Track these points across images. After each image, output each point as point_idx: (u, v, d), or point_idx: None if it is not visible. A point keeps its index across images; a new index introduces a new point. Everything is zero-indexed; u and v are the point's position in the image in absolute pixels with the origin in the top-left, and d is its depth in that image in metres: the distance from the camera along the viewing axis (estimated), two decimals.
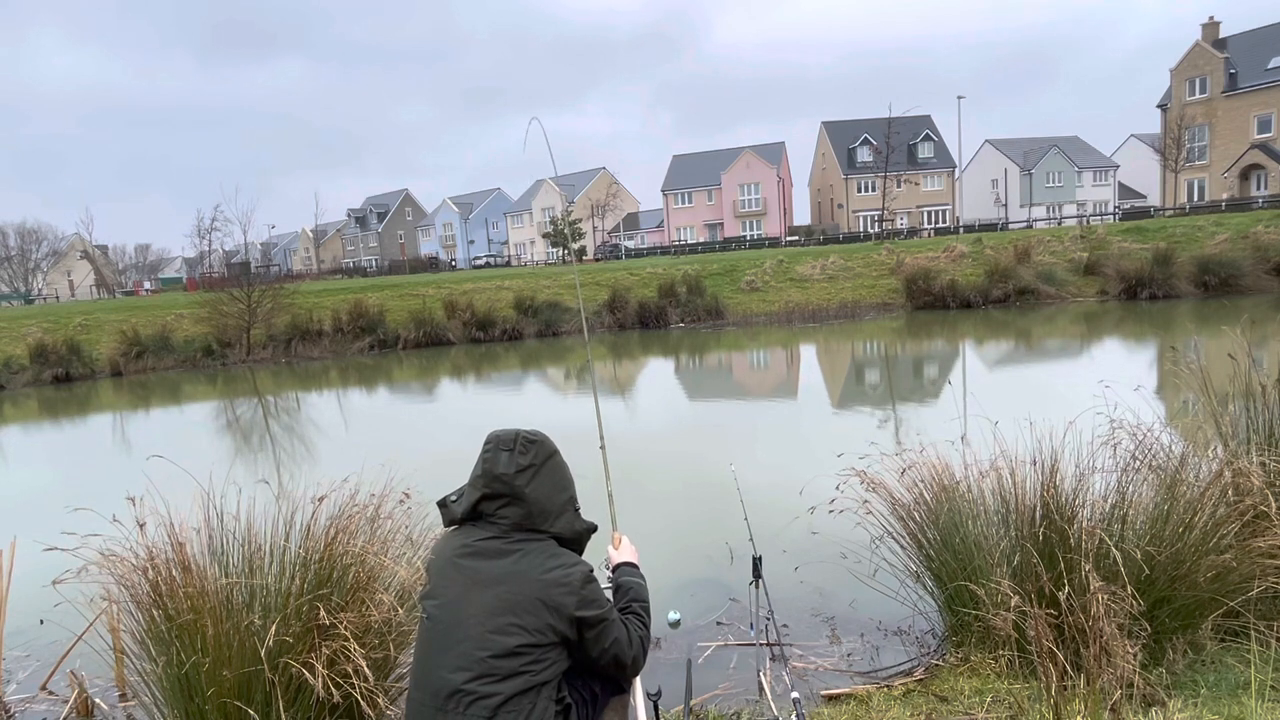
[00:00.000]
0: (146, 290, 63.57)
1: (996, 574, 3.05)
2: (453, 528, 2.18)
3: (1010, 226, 46.44)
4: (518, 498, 2.11)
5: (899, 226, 50.01)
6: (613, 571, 2.44)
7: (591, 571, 2.14)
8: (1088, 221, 39.84)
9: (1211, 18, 48.01)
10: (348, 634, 2.76)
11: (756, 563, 3.02)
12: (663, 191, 66.82)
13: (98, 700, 3.55)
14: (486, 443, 2.14)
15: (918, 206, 58.55)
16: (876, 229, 43.95)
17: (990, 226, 45.67)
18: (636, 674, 2.27)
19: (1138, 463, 3.33)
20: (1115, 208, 57.40)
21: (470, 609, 2.01)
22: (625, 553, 2.49)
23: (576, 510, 2.23)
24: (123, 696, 3.60)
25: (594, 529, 2.27)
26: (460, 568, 2.08)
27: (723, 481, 3.98)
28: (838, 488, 3.73)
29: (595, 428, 2.79)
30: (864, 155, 58.48)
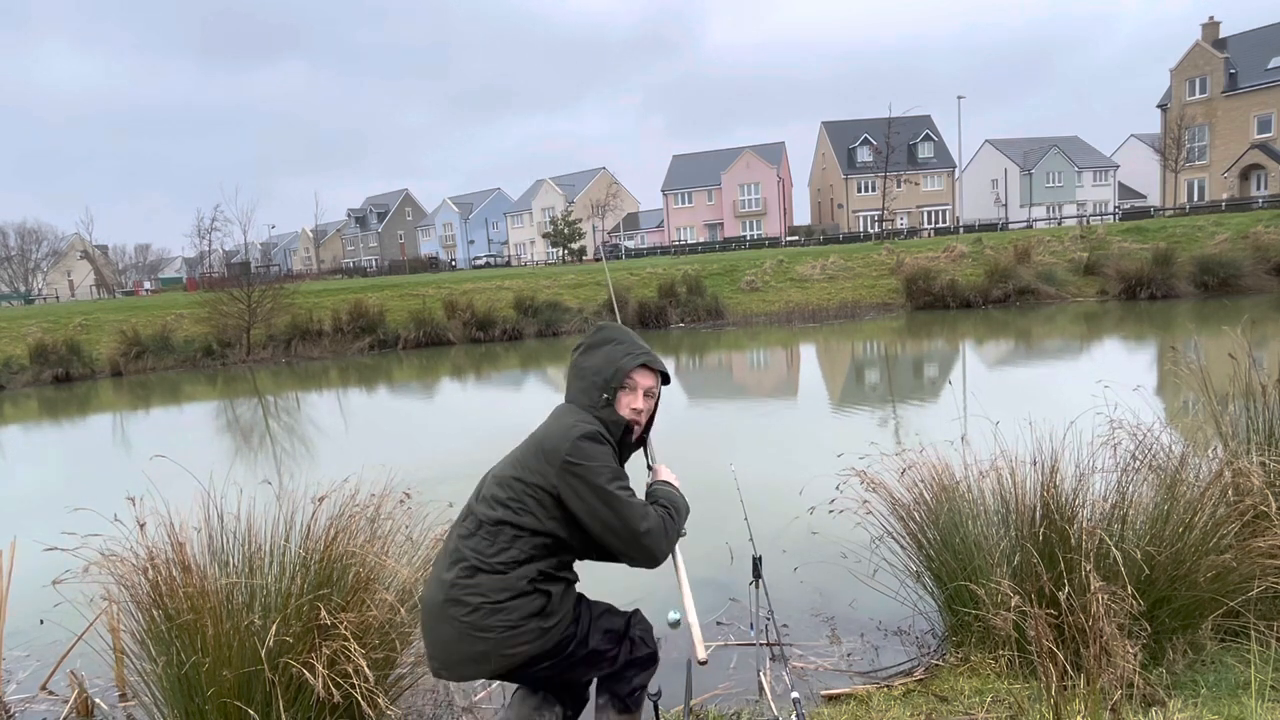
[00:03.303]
0: (146, 290, 63.54)
1: (996, 574, 3.05)
2: None
3: (1010, 226, 46.44)
4: (570, 371, 2.37)
5: (899, 226, 50.01)
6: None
7: (599, 433, 2.19)
8: (1088, 221, 39.85)
9: (1211, 18, 48.03)
10: (348, 634, 2.76)
11: (756, 563, 3.02)
12: (663, 191, 66.80)
13: (98, 700, 3.55)
14: None
15: (918, 206, 58.56)
16: (876, 229, 43.96)
17: (990, 226, 45.67)
18: (654, 556, 2.22)
19: (1138, 463, 3.33)
20: (1115, 208, 57.41)
21: (506, 457, 2.30)
22: (663, 474, 2.49)
23: (609, 400, 2.28)
24: (123, 696, 3.60)
25: (622, 421, 2.29)
26: None
27: (723, 481, 3.98)
28: (838, 488, 3.73)
29: None
30: (864, 155, 58.49)
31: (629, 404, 2.31)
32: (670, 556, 2.30)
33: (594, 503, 2.09)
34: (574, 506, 2.10)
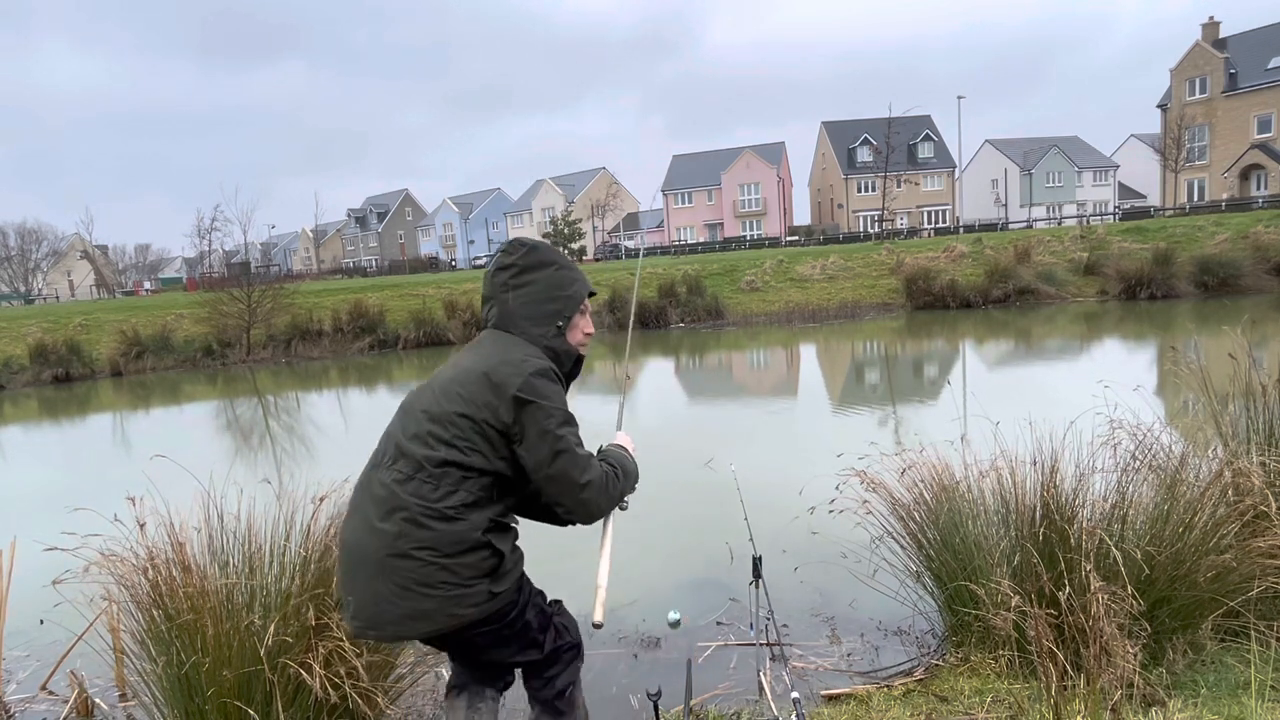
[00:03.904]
0: (146, 290, 63.54)
1: (996, 574, 3.05)
2: None
3: (1010, 226, 46.45)
4: (494, 297, 2.17)
5: (899, 226, 50.00)
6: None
7: (552, 370, 2.06)
8: (1088, 221, 39.84)
9: (1211, 18, 48.02)
10: (343, 634, 2.76)
11: (756, 563, 3.02)
12: (663, 191, 66.80)
13: (98, 700, 3.55)
14: None
15: (918, 206, 58.57)
16: (876, 229, 43.95)
17: (990, 226, 45.67)
18: (590, 512, 2.11)
19: (1138, 463, 3.33)
20: (1115, 208, 57.44)
21: (434, 383, 2.09)
22: (621, 439, 2.41)
23: (560, 329, 2.16)
24: (123, 696, 3.60)
25: (578, 355, 2.19)
26: (450, 360, 2.18)
27: (723, 481, 3.98)
28: (838, 488, 3.72)
29: (594, 423, 2.78)
30: (864, 155, 58.53)
31: (583, 329, 2.24)
32: (603, 519, 2.20)
33: (538, 444, 1.97)
34: (517, 444, 1.99)
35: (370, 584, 1.93)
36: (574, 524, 2.19)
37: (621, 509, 2.27)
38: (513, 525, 2.12)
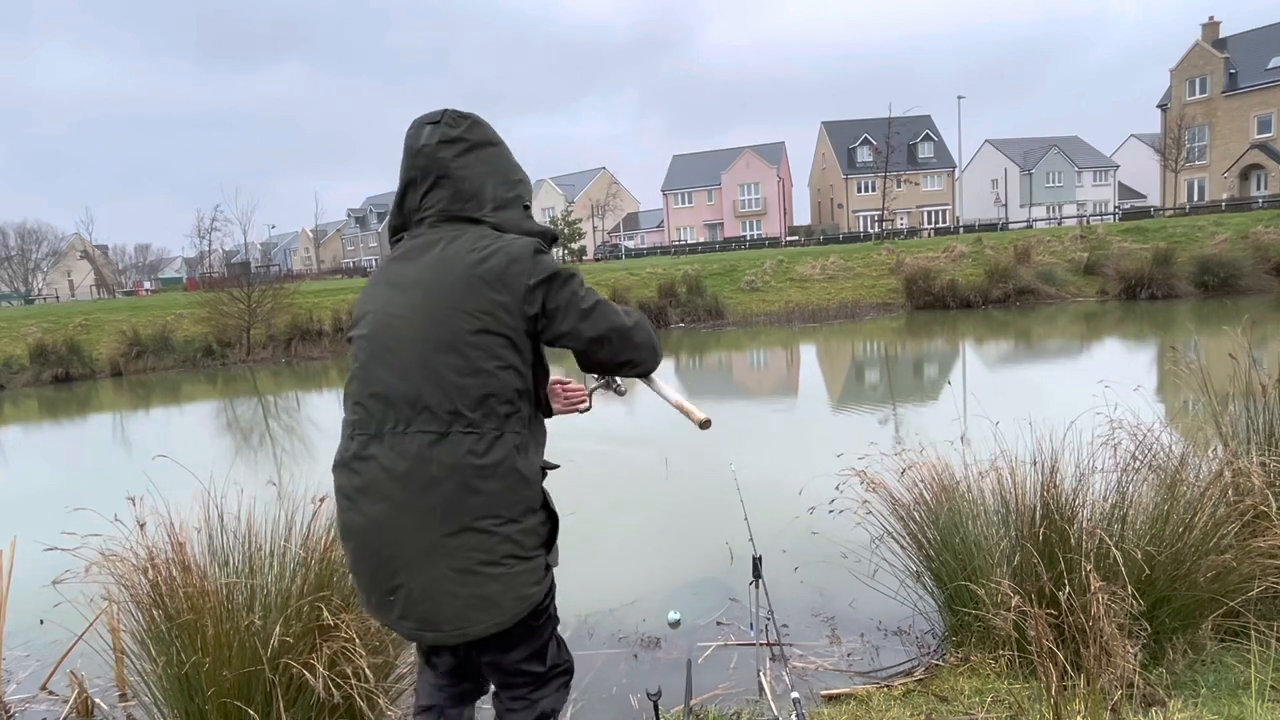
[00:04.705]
0: (146, 290, 63.52)
1: (996, 574, 3.05)
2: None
3: (1010, 226, 46.43)
4: (443, 175, 1.74)
5: (899, 226, 49.99)
6: None
7: (542, 245, 1.75)
8: (1088, 221, 39.82)
9: (1211, 17, 48.03)
10: (352, 634, 2.76)
11: (756, 563, 3.02)
12: (663, 191, 66.80)
13: (98, 700, 3.55)
14: (409, 128, 1.81)
15: (918, 206, 58.57)
16: (876, 229, 43.93)
17: (990, 226, 45.66)
18: (655, 351, 1.87)
19: (1138, 463, 3.33)
20: (1115, 208, 57.47)
21: (398, 310, 1.69)
22: None
23: (527, 209, 1.87)
24: (123, 696, 3.60)
25: (554, 235, 1.86)
26: (385, 278, 1.78)
27: (723, 481, 3.98)
28: (838, 488, 3.72)
29: (590, 430, 2.79)
30: (864, 155, 58.54)
31: None
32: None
33: (569, 310, 1.70)
34: (545, 330, 1.72)
35: (420, 574, 1.62)
36: (639, 374, 1.91)
37: (619, 393, 2.03)
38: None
